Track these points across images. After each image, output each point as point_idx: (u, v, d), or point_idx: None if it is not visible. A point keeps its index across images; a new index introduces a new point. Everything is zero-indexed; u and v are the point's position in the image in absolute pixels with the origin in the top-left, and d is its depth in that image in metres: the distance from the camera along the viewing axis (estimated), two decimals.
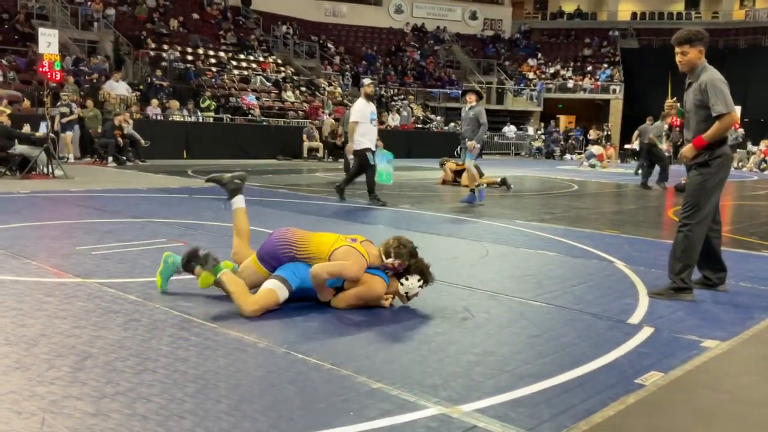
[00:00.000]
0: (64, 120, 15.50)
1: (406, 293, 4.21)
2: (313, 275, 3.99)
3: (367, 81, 10.53)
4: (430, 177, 15.11)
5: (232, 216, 4.62)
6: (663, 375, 3.18)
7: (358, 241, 4.18)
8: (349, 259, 4.01)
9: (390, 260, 4.14)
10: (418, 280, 4.19)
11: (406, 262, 4.14)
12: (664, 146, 16.86)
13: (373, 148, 9.80)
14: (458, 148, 10.86)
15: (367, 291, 4.11)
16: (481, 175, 11.62)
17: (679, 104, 5.13)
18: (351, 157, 9.66)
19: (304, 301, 4.17)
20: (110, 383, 2.85)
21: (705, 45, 4.75)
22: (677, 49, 4.76)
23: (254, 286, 4.09)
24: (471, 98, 10.70)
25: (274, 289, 3.98)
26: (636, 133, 16.36)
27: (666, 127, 16.08)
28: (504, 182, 13.33)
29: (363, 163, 9.73)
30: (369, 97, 9.99)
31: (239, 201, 4.63)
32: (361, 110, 9.76)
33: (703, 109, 4.67)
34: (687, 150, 4.74)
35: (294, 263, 4.10)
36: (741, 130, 22.39)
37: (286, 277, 4.02)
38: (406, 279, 4.19)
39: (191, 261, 4.17)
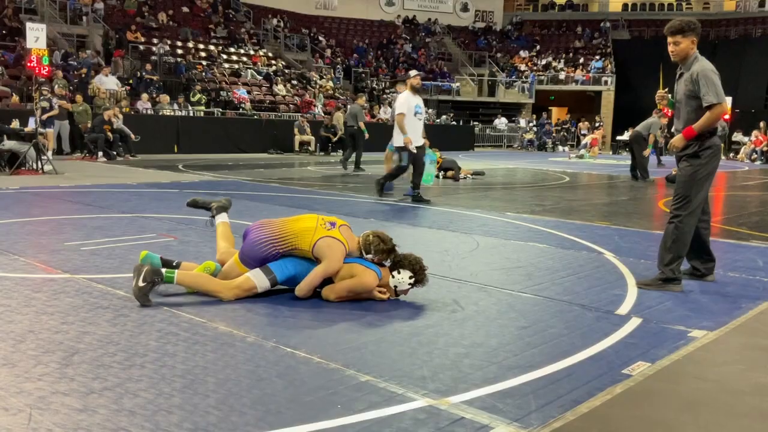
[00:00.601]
0: (44, 116, 14.85)
1: (395, 287, 4.21)
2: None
3: (413, 72, 9.85)
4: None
5: (216, 228, 4.67)
6: (650, 365, 3.20)
7: (337, 225, 4.20)
8: (331, 254, 4.04)
9: (370, 257, 4.21)
10: (410, 278, 4.19)
11: (387, 258, 4.21)
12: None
13: (417, 145, 9.28)
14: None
15: (359, 284, 4.12)
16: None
17: (670, 95, 5.14)
18: (412, 148, 9.31)
19: (292, 293, 4.18)
20: (98, 379, 2.85)
21: (697, 35, 4.76)
22: (670, 39, 4.76)
23: None
24: (401, 89, 10.58)
25: (251, 277, 4.05)
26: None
27: (666, 121, 15.96)
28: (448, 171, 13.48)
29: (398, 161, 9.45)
30: (415, 90, 9.36)
31: (223, 216, 4.74)
32: (406, 102, 9.27)
33: (694, 99, 4.68)
34: (677, 140, 4.75)
35: (282, 260, 4.11)
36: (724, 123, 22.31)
37: (272, 268, 4.06)
38: (398, 272, 4.20)
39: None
